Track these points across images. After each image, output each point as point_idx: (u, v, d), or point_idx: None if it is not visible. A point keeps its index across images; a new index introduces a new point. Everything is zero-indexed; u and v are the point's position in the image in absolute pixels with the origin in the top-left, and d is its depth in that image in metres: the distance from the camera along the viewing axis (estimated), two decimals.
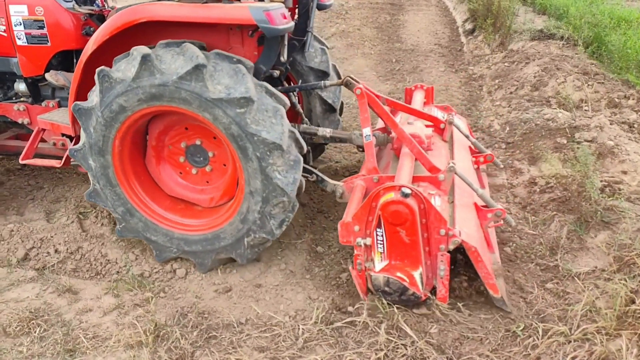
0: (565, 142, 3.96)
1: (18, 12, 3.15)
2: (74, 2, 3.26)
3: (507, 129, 4.59)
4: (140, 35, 2.74)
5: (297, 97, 3.80)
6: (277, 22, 2.54)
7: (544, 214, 3.31)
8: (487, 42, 6.70)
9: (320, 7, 3.45)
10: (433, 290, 2.55)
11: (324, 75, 3.64)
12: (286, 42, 2.90)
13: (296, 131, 2.76)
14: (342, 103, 3.91)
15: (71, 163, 3.18)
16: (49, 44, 3.19)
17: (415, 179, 2.75)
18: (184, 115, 2.77)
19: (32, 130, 3.37)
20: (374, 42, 7.63)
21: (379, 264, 2.52)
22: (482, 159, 3.34)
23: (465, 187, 2.75)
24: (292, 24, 2.70)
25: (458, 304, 2.56)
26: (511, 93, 5.20)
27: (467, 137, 3.37)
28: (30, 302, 2.72)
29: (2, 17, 3.19)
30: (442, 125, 3.39)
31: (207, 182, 3.08)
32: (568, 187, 3.40)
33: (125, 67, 2.62)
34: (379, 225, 2.45)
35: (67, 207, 3.51)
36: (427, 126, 3.31)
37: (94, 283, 2.94)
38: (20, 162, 3.30)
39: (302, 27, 3.27)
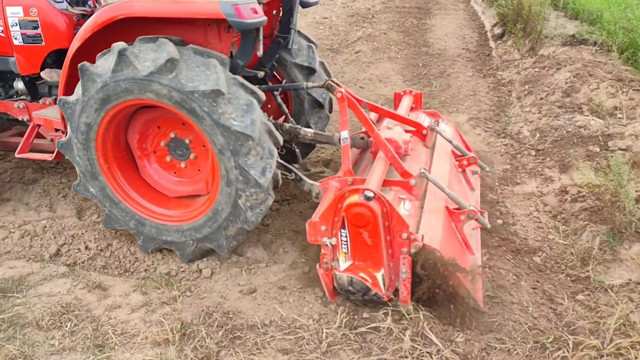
0: (597, 150, 3.86)
1: (14, 13, 3.26)
2: (66, 3, 3.36)
3: (537, 135, 4.50)
4: (124, 31, 2.83)
5: (286, 96, 3.86)
6: (246, 16, 2.59)
7: (575, 223, 3.23)
8: (517, 47, 6.59)
9: (304, 5, 3.52)
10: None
11: (310, 71, 3.68)
12: (261, 37, 2.94)
13: (270, 124, 2.82)
14: (330, 99, 3.89)
15: (63, 158, 3.25)
16: (43, 43, 3.29)
17: (387, 183, 2.81)
18: (156, 113, 2.93)
19: None
20: (400, 46, 7.59)
21: (343, 263, 2.58)
22: (465, 162, 3.36)
23: (439, 192, 2.78)
24: (263, 18, 2.74)
25: (481, 310, 2.52)
26: (541, 99, 5.10)
27: (449, 141, 3.39)
28: (61, 297, 2.79)
29: (0, 18, 3.31)
30: (424, 131, 3.42)
31: (199, 170, 3.14)
32: (601, 196, 3.31)
33: (103, 63, 2.74)
34: (343, 226, 2.51)
35: (97, 205, 3.58)
36: (409, 132, 3.34)
37: (122, 280, 3.00)
38: (16, 156, 3.45)
39: (286, 25, 3.37)
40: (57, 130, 3.33)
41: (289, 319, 2.64)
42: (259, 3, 2.85)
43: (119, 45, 2.70)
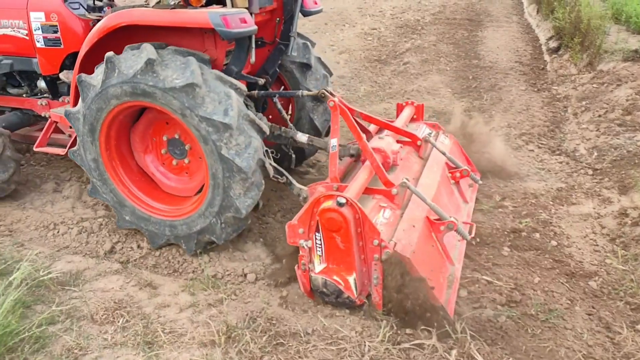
0: None
1: (37, 18, 3.54)
2: (84, 9, 3.59)
3: (595, 154, 4.31)
4: (129, 38, 3.01)
5: (288, 102, 3.97)
6: (233, 26, 2.72)
7: (636, 248, 3.06)
8: (574, 62, 6.35)
9: (306, 14, 3.64)
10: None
11: (307, 67, 3.82)
12: (254, 45, 3.08)
13: (251, 114, 2.91)
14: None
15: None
16: (62, 46, 3.53)
17: (370, 191, 2.89)
18: (150, 121, 3.21)
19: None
20: (449, 58, 7.49)
21: (318, 265, 2.67)
22: (458, 174, 3.40)
23: (422, 202, 2.81)
24: (251, 28, 2.86)
25: (530, 330, 2.43)
26: (600, 116, 4.88)
27: (443, 153, 3.41)
28: (114, 293, 2.90)
29: (25, 22, 3.60)
30: (419, 143, 3.44)
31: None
32: None
33: (97, 72, 2.95)
34: (317, 230, 2.60)
35: None
36: (404, 142, 3.44)
37: (171, 280, 3.08)
38: (34, 149, 3.75)
39: (286, 32, 3.53)
40: (71, 127, 3.50)
41: (331, 329, 2.63)
42: (251, 13, 2.98)
43: (108, 54, 2.88)
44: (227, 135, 2.77)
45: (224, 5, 3.06)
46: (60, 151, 3.66)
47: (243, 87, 2.96)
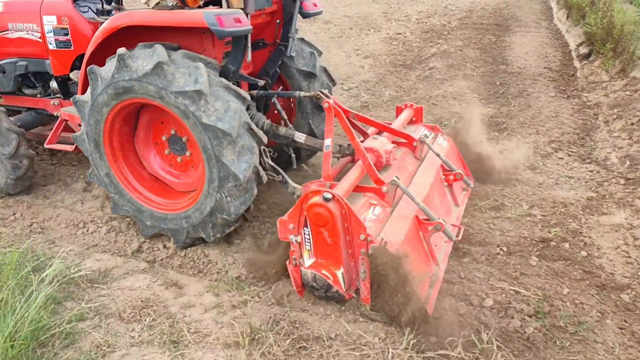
0: None
1: (49, 22, 3.71)
2: (93, 13, 3.74)
3: (627, 163, 4.19)
4: (132, 38, 3.11)
5: (290, 102, 4.08)
6: (227, 25, 2.82)
7: None
8: (605, 68, 6.20)
9: (305, 15, 3.78)
10: None
11: (311, 76, 3.93)
12: (250, 44, 3.20)
13: (252, 123, 3.02)
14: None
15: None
16: (72, 48, 3.70)
17: (362, 189, 2.95)
18: (147, 126, 3.40)
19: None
20: (476, 64, 7.40)
21: (308, 260, 2.74)
22: (452, 177, 3.46)
23: (411, 201, 2.87)
24: (245, 27, 2.95)
25: (559, 342, 2.36)
26: (632, 124, 4.75)
27: (438, 155, 3.44)
28: (141, 292, 2.96)
29: (38, 25, 3.76)
30: (414, 144, 3.50)
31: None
32: None
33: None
34: (305, 225, 2.67)
35: None
36: (400, 144, 3.51)
37: (196, 280, 3.12)
38: (45, 146, 3.93)
39: (286, 34, 3.65)
40: (80, 125, 3.62)
41: (354, 335, 2.62)
42: (246, 14, 3.07)
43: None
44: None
45: (221, 6, 3.18)
46: (69, 148, 3.83)
47: (246, 95, 3.06)
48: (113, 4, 3.67)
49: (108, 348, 2.50)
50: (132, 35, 3.09)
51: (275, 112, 3.90)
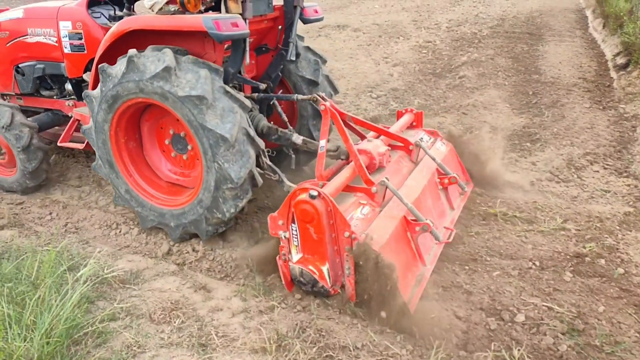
0: None
1: (65, 27, 3.90)
2: (105, 18, 3.94)
3: None
4: (138, 41, 3.28)
5: (293, 106, 4.20)
6: (224, 29, 2.95)
7: None
8: None
9: (305, 22, 3.90)
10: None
11: (314, 84, 4.05)
12: (248, 48, 3.35)
13: (250, 129, 3.14)
14: None
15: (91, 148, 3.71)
16: (85, 51, 3.88)
17: (352, 189, 3.06)
18: (150, 131, 3.61)
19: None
20: (508, 73, 7.28)
21: (296, 255, 2.83)
22: (446, 181, 3.52)
23: (400, 202, 2.94)
24: (243, 31, 3.07)
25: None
26: None
27: (433, 159, 3.53)
28: (171, 294, 3.00)
29: (55, 30, 3.96)
30: (410, 147, 3.58)
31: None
32: None
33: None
34: (293, 221, 2.76)
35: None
36: (397, 147, 3.62)
37: (224, 284, 3.15)
38: (58, 144, 4.15)
39: (287, 39, 3.79)
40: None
41: (381, 346, 2.59)
42: (244, 19, 3.19)
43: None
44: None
45: (220, 11, 3.30)
46: (80, 146, 4.05)
47: (247, 102, 3.20)
48: (125, 10, 3.86)
49: (138, 348, 2.54)
50: (139, 39, 3.26)
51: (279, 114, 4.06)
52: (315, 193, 2.67)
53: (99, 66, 3.29)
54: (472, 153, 4.14)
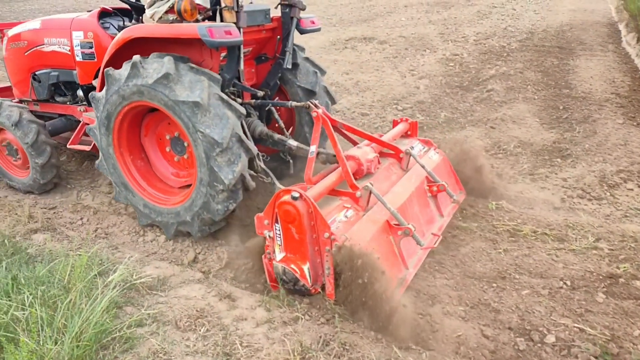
0: None
1: (77, 37, 4.14)
2: (114, 29, 4.11)
3: None
4: (142, 48, 3.47)
5: (291, 113, 4.38)
6: (217, 36, 3.13)
7: None
8: None
9: (302, 32, 4.09)
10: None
11: (312, 93, 4.21)
12: (242, 55, 3.51)
13: (242, 135, 3.30)
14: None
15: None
16: (95, 59, 4.07)
17: (338, 193, 3.18)
18: (153, 145, 3.87)
19: None
20: (538, 87, 7.16)
21: (279, 254, 2.93)
22: (435, 188, 3.61)
23: (385, 207, 3.03)
24: (236, 39, 3.25)
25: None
26: None
27: (423, 167, 3.62)
28: (196, 302, 3.03)
29: (68, 40, 4.20)
30: (401, 155, 3.70)
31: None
32: None
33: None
34: (276, 221, 2.87)
35: (233, 223, 3.86)
36: (388, 155, 3.74)
37: (248, 294, 3.16)
38: (68, 146, 4.39)
39: (284, 48, 3.97)
40: None
41: None
42: (238, 27, 3.36)
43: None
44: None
45: (215, 20, 3.51)
46: (87, 148, 4.29)
47: (242, 109, 3.36)
48: (133, 21, 4.06)
49: (164, 355, 2.57)
50: (143, 46, 3.47)
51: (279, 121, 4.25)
52: (297, 195, 2.78)
53: (105, 70, 3.51)
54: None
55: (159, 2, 3.48)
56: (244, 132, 3.50)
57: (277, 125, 4.16)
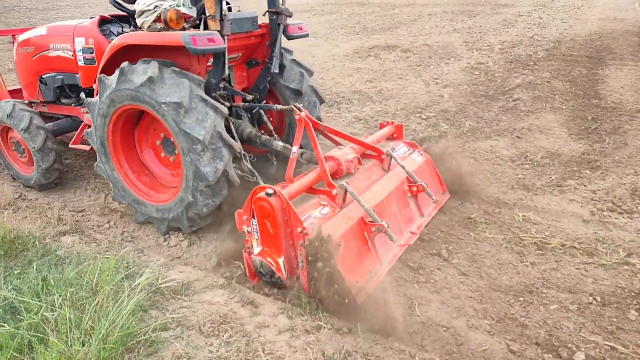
0: None
1: (79, 42, 4.35)
2: (114, 36, 4.20)
3: None
4: (135, 54, 3.68)
5: (282, 116, 4.52)
6: (200, 44, 3.32)
7: None
8: None
9: (289, 38, 4.24)
10: None
11: (298, 93, 4.38)
12: (226, 60, 3.68)
13: (224, 133, 3.47)
14: (318, 117, 4.42)
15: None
16: (96, 64, 4.22)
17: (316, 191, 3.35)
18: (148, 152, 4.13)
19: None
20: (565, 97, 7.03)
21: (257, 248, 3.11)
22: (414, 189, 3.75)
23: (359, 204, 3.18)
24: (219, 46, 3.43)
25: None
26: None
27: (403, 167, 3.76)
28: (220, 307, 3.04)
29: (71, 45, 4.42)
30: (383, 156, 3.83)
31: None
32: None
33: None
34: (253, 216, 3.04)
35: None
36: (371, 156, 3.90)
37: (270, 301, 3.16)
38: (70, 146, 4.61)
39: (271, 53, 4.15)
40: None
41: None
42: (222, 35, 3.51)
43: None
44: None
45: (199, 28, 3.70)
46: (87, 147, 4.49)
47: (224, 109, 3.55)
48: (131, 28, 4.23)
49: None
50: (136, 52, 3.70)
51: (277, 123, 4.49)
52: (271, 191, 2.95)
53: (98, 77, 3.76)
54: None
55: (147, 12, 3.68)
56: (230, 131, 3.75)
57: (267, 126, 4.35)
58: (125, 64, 3.58)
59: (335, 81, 8.42)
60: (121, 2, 4.24)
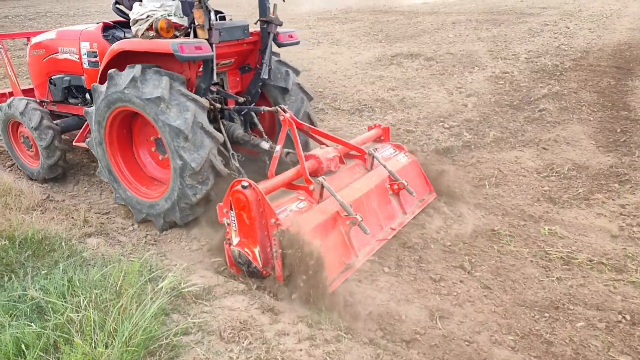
0: None
1: (84, 46, 4.62)
2: (115, 40, 4.39)
3: None
4: (133, 60, 3.89)
5: (273, 117, 4.66)
6: (187, 52, 3.54)
7: None
8: None
9: (280, 45, 4.46)
10: None
11: (285, 91, 4.56)
12: (215, 67, 3.91)
13: (206, 124, 3.68)
14: (309, 116, 4.63)
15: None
16: (99, 67, 4.34)
17: (295, 187, 3.54)
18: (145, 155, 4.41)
19: None
20: (593, 108, 6.88)
21: (235, 238, 3.28)
22: (395, 187, 3.91)
23: (335, 199, 3.37)
24: (207, 54, 3.65)
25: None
26: None
27: (384, 166, 3.92)
28: (240, 313, 3.05)
29: (77, 49, 4.68)
30: (365, 156, 4.02)
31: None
32: None
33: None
34: (231, 208, 3.22)
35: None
36: (354, 156, 4.07)
37: (290, 308, 3.16)
38: (73, 144, 4.89)
39: (262, 60, 4.35)
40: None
41: None
42: (210, 43, 3.71)
43: (110, 71, 3.83)
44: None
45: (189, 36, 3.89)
46: (88, 146, 4.60)
47: (204, 102, 3.79)
48: (132, 34, 4.36)
49: None
50: (132, 58, 3.92)
51: (273, 126, 4.67)
52: (246, 184, 3.13)
53: (92, 86, 4.06)
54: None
55: (140, 21, 3.90)
56: (221, 132, 3.95)
57: (267, 130, 4.57)
58: (112, 70, 3.84)
59: (357, 89, 8.42)
60: (123, 10, 4.48)
